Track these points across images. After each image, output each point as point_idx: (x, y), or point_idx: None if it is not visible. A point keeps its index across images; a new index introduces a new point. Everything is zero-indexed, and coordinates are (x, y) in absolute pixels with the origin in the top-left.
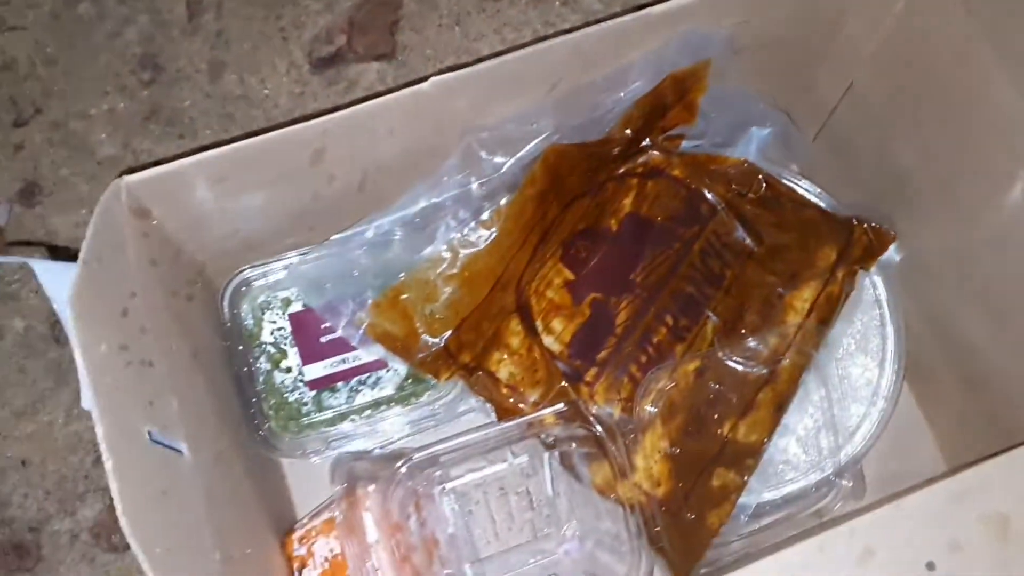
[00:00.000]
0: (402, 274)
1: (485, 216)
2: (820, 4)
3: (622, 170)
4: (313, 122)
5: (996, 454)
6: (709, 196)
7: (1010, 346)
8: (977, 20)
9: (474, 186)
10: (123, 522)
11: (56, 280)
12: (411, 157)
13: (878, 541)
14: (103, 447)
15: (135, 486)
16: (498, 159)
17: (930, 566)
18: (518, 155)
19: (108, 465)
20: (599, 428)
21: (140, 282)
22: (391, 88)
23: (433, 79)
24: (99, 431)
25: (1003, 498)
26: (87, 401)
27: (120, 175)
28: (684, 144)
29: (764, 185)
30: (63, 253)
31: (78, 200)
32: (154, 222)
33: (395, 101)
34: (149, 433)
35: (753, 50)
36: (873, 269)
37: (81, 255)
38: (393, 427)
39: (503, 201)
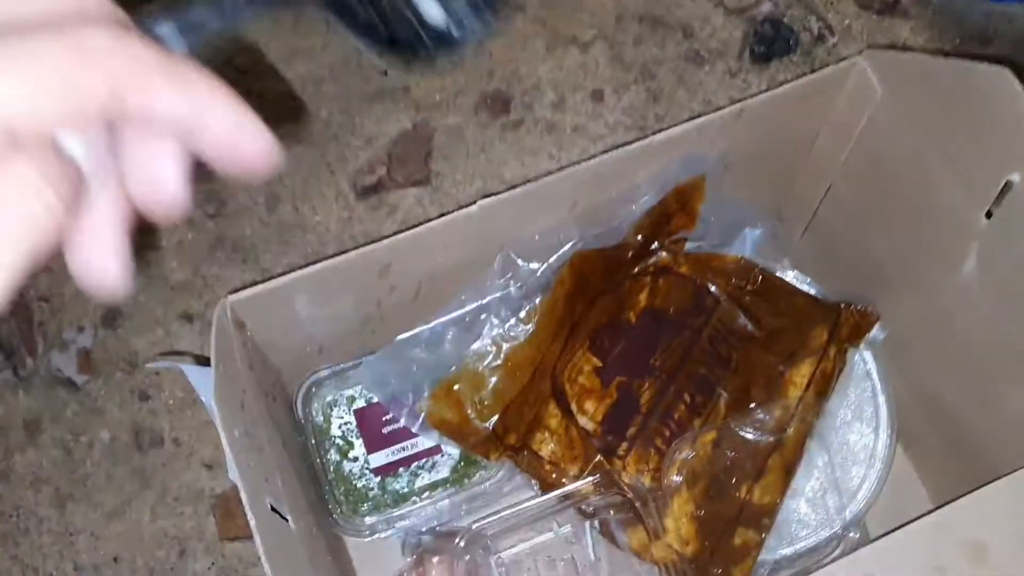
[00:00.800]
0: (453, 367)
1: (523, 314)
2: (795, 126)
3: (636, 270)
4: (385, 242)
5: (973, 490)
6: (712, 289)
7: (982, 400)
8: (924, 132)
9: (513, 289)
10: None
11: (201, 382)
12: (459, 268)
13: (877, 569)
14: (248, 510)
15: (270, 546)
16: (532, 265)
17: None
18: (549, 261)
19: (252, 523)
20: (632, 495)
21: (246, 382)
22: (427, 212)
23: (480, 202)
24: (244, 498)
25: (980, 527)
26: (233, 475)
27: (227, 295)
28: (688, 246)
29: (760, 278)
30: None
31: (155, 322)
32: (249, 333)
33: (450, 221)
34: (270, 504)
35: (743, 164)
36: (862, 346)
37: (213, 359)
38: (449, 506)
39: (538, 300)
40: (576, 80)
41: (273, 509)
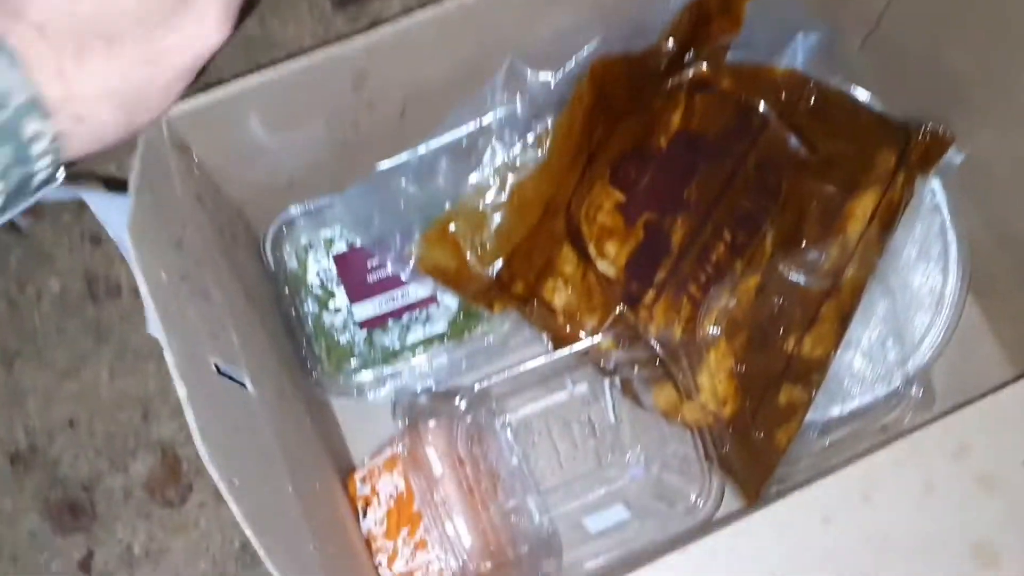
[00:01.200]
0: (449, 203)
1: (531, 138)
2: None
3: (669, 85)
4: (358, 42)
5: None
6: (761, 108)
7: None
8: None
9: (519, 106)
10: (201, 450)
11: (111, 212)
12: (454, 80)
13: (974, 436)
14: (175, 375)
15: (208, 416)
16: (544, 76)
17: None
18: (565, 70)
19: (182, 393)
20: (660, 350)
21: (189, 216)
22: None
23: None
24: (168, 358)
25: None
26: (153, 328)
27: None
28: (730, 55)
29: (815, 93)
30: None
31: (106, 158)
32: (196, 158)
33: (439, 16)
34: (216, 365)
35: None
36: (932, 173)
37: (131, 186)
38: (448, 363)
39: (550, 121)
40: None
41: (220, 372)
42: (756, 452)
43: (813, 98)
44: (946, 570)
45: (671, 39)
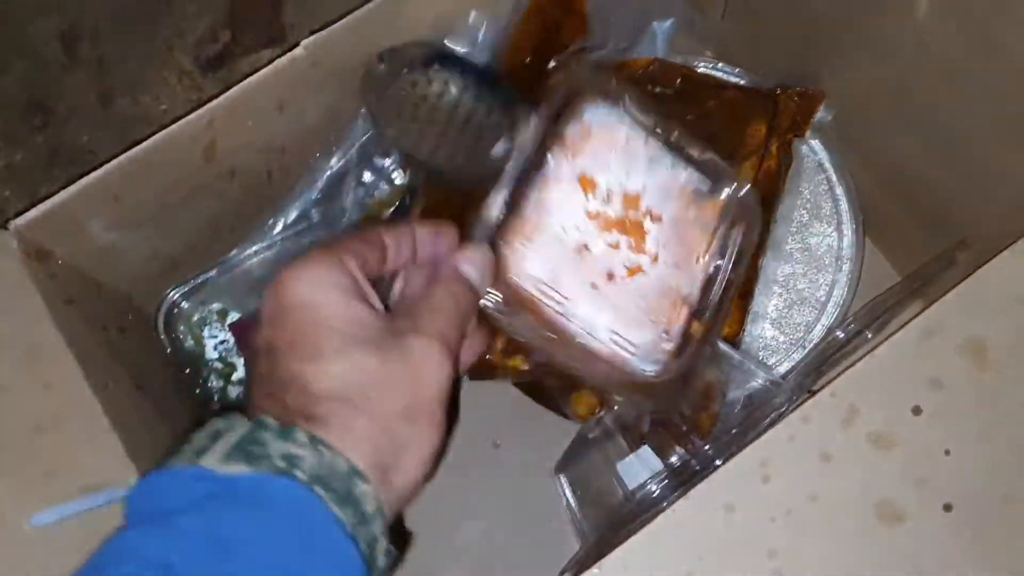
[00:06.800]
0: None
1: (398, 177)
2: None
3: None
4: (195, 115)
5: (956, 285)
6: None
7: (951, 165)
8: None
9: (375, 146)
10: None
11: None
12: (310, 132)
13: (860, 397)
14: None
15: None
16: None
17: (916, 410)
18: None
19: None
20: None
21: (50, 326)
22: None
23: (304, 41)
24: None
25: (974, 322)
26: None
27: (4, 223)
28: (591, 56)
29: (680, 77)
30: None
31: None
32: (60, 261)
33: (273, 73)
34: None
35: None
36: (809, 134)
37: None
38: None
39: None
40: None
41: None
42: (682, 439)
43: (679, 81)
44: (853, 534)
45: (525, 54)
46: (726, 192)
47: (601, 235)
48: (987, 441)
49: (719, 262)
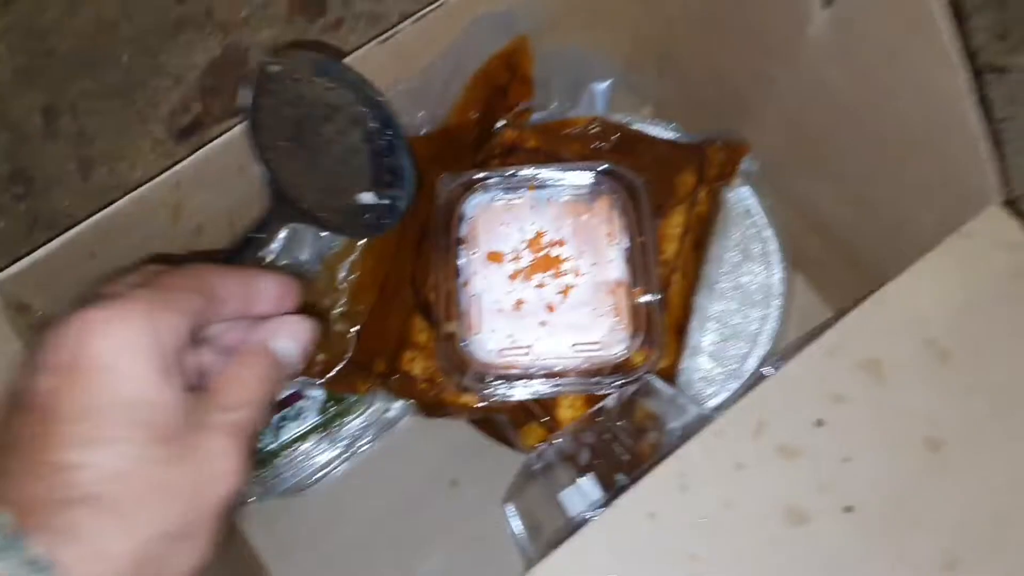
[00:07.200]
0: None
1: None
2: None
3: (482, 156)
4: (162, 177)
5: (855, 308)
6: (566, 158)
7: (859, 207)
8: None
9: None
10: None
11: None
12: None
13: (769, 412)
14: None
15: None
16: None
17: (819, 423)
18: None
19: None
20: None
21: None
22: None
23: None
24: None
25: (872, 341)
26: None
27: None
28: (534, 117)
29: (617, 134)
30: None
31: None
32: (39, 313)
33: (231, 139)
34: None
35: (566, 11)
36: (737, 182)
37: None
38: (329, 449)
39: None
40: None
41: None
42: (622, 466)
43: (616, 137)
44: (765, 537)
45: (471, 112)
46: (605, 184)
47: (526, 285)
48: (883, 448)
49: (627, 239)
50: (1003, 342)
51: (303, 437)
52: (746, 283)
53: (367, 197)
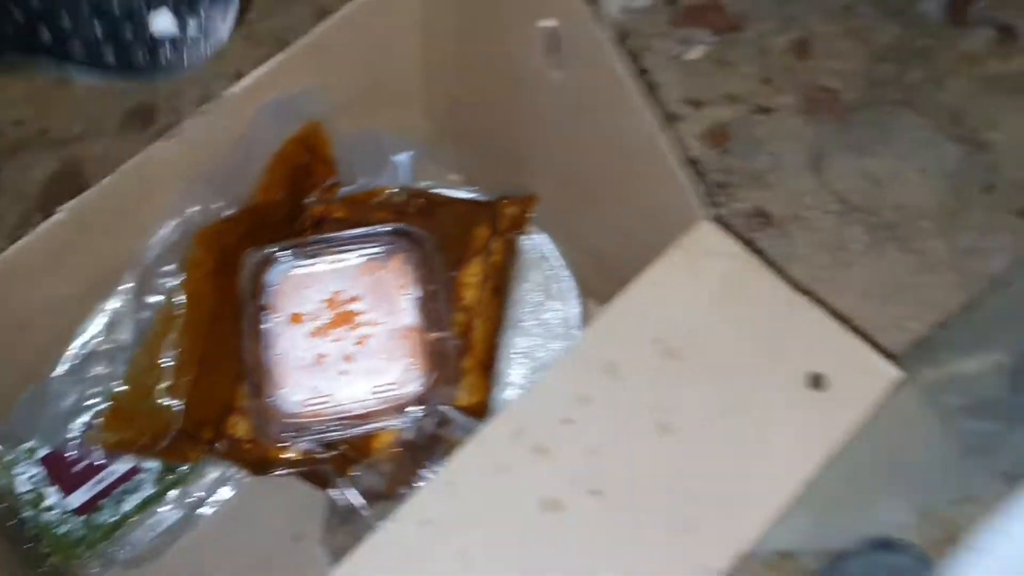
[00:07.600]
0: (114, 384)
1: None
2: (376, 31)
3: (294, 230)
4: None
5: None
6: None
7: (617, 238)
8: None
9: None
10: None
11: None
12: (87, 282)
13: (525, 417)
14: None
15: None
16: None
17: (567, 421)
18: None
19: None
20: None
21: None
22: None
23: (68, 205)
24: None
25: (607, 348)
26: None
27: None
28: (342, 190)
29: (421, 199)
30: None
31: None
32: None
33: (37, 237)
34: None
35: (355, 97)
36: (533, 230)
37: None
38: (169, 516)
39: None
40: (218, 68)
41: None
42: None
43: (420, 203)
44: (525, 526)
45: (276, 191)
46: (398, 244)
47: (325, 340)
48: (622, 437)
49: (419, 289)
50: (719, 337)
51: (141, 508)
52: (548, 319)
53: (163, 23)
